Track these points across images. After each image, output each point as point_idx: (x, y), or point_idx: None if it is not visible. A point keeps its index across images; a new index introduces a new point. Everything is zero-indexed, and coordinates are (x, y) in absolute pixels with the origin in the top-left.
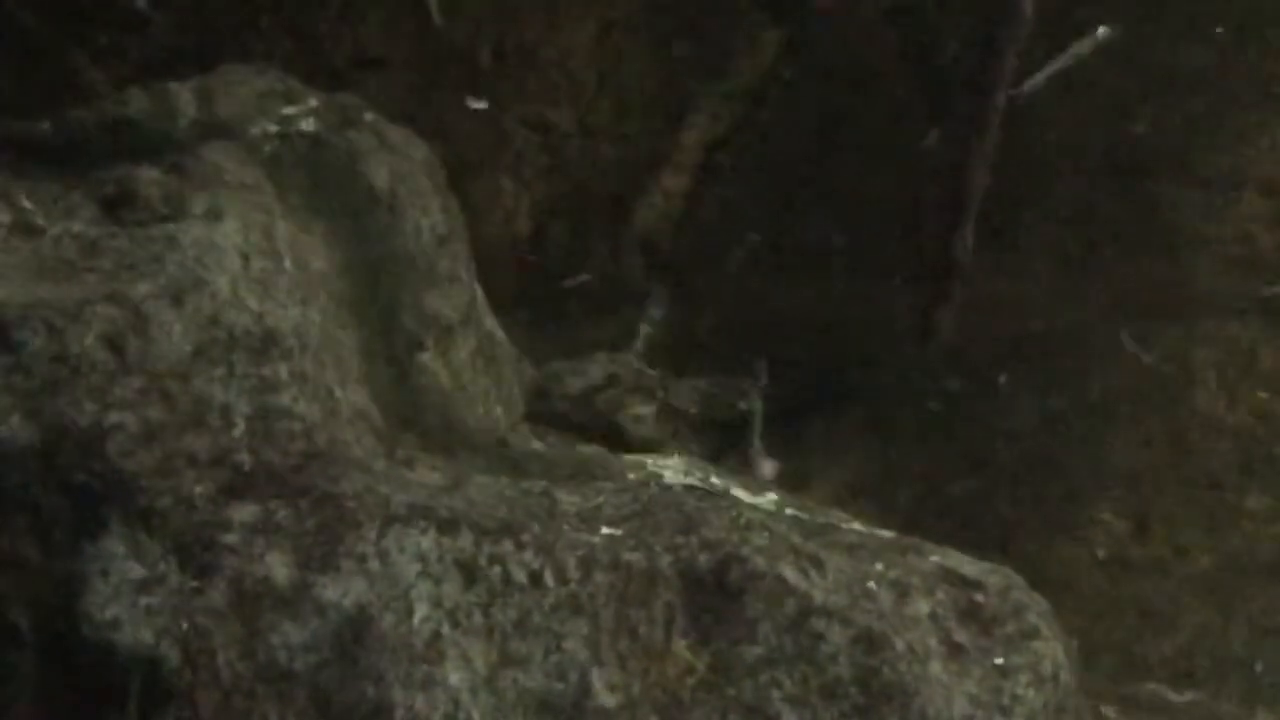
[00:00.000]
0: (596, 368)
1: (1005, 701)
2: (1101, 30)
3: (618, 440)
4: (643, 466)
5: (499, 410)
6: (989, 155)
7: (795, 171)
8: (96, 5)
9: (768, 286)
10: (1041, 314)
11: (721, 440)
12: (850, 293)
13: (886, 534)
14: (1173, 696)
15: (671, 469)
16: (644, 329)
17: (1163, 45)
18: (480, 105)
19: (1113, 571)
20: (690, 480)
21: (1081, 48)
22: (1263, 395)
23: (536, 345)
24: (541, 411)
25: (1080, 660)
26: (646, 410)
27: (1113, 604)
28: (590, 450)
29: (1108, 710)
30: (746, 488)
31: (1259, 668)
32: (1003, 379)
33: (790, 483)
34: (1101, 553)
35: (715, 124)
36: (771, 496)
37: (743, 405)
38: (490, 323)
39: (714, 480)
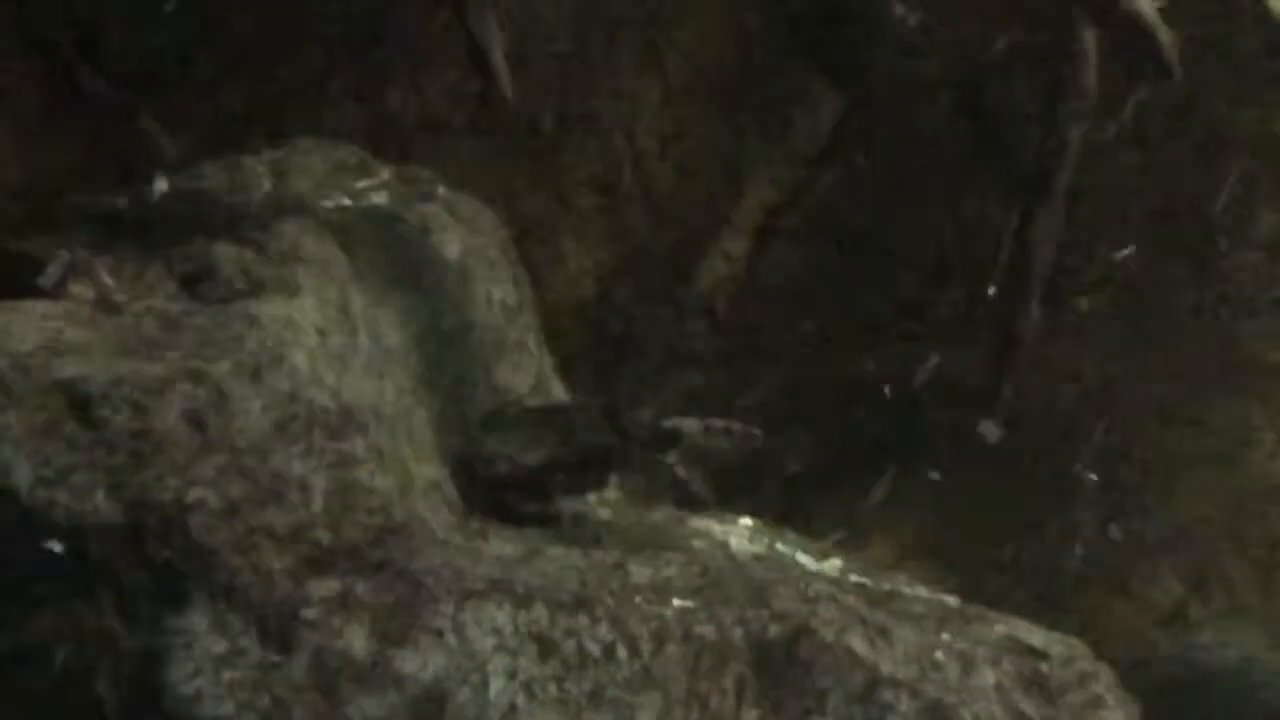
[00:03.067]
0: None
1: None
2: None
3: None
4: (710, 534)
5: None
6: (1055, 232)
7: (855, 235)
8: (170, 74)
9: (829, 351)
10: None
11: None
12: (910, 357)
13: (951, 600)
14: None
15: (737, 535)
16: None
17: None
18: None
19: (1174, 630)
20: (756, 548)
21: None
22: None
23: None
24: None
25: None
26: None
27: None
28: (658, 516)
29: None
30: (809, 552)
31: None
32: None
33: (852, 542)
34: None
35: (775, 188)
36: (835, 562)
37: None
38: (558, 389)
39: (779, 546)
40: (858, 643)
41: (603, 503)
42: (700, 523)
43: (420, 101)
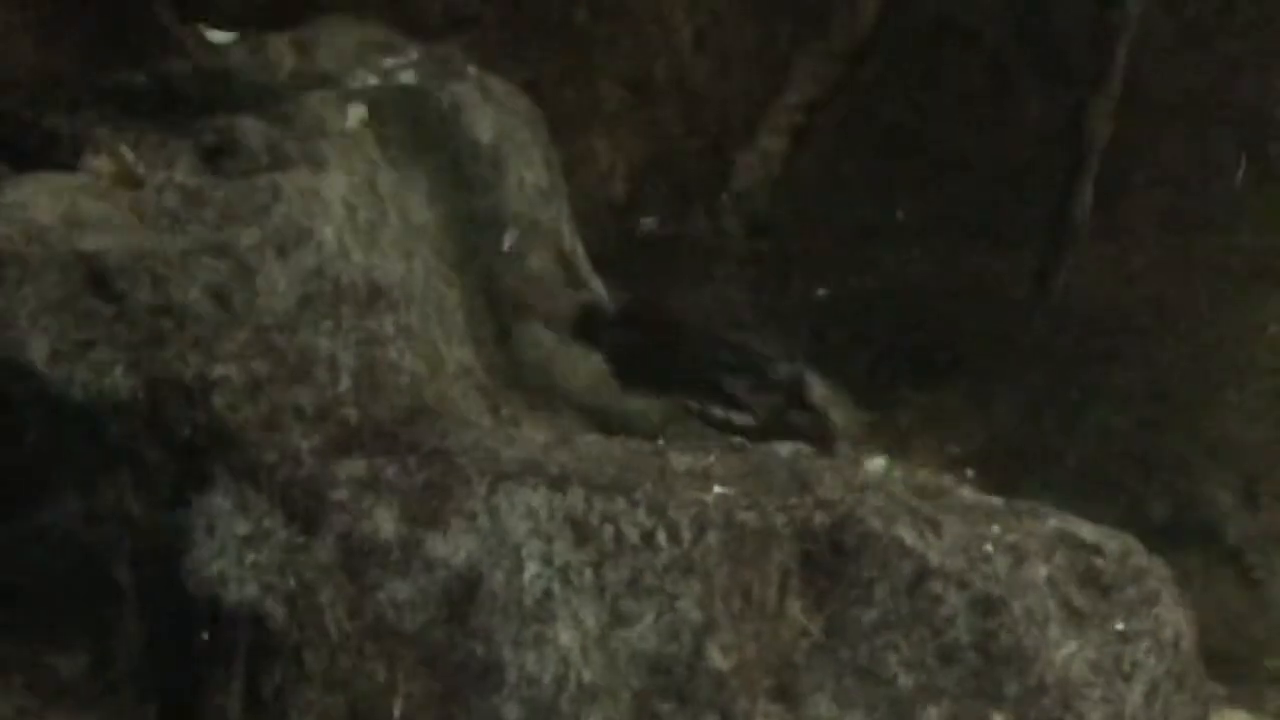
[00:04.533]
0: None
1: (1126, 668)
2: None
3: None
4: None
5: (601, 374)
6: (1109, 110)
7: (897, 134)
8: None
9: (869, 253)
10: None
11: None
12: (955, 259)
13: (997, 500)
14: None
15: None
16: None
17: None
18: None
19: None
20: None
21: None
22: None
23: None
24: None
25: None
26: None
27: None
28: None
29: (1218, 688)
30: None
31: None
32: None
33: (895, 450)
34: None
35: (815, 85)
36: (880, 461)
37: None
38: (592, 278)
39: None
40: (906, 532)
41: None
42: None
43: None
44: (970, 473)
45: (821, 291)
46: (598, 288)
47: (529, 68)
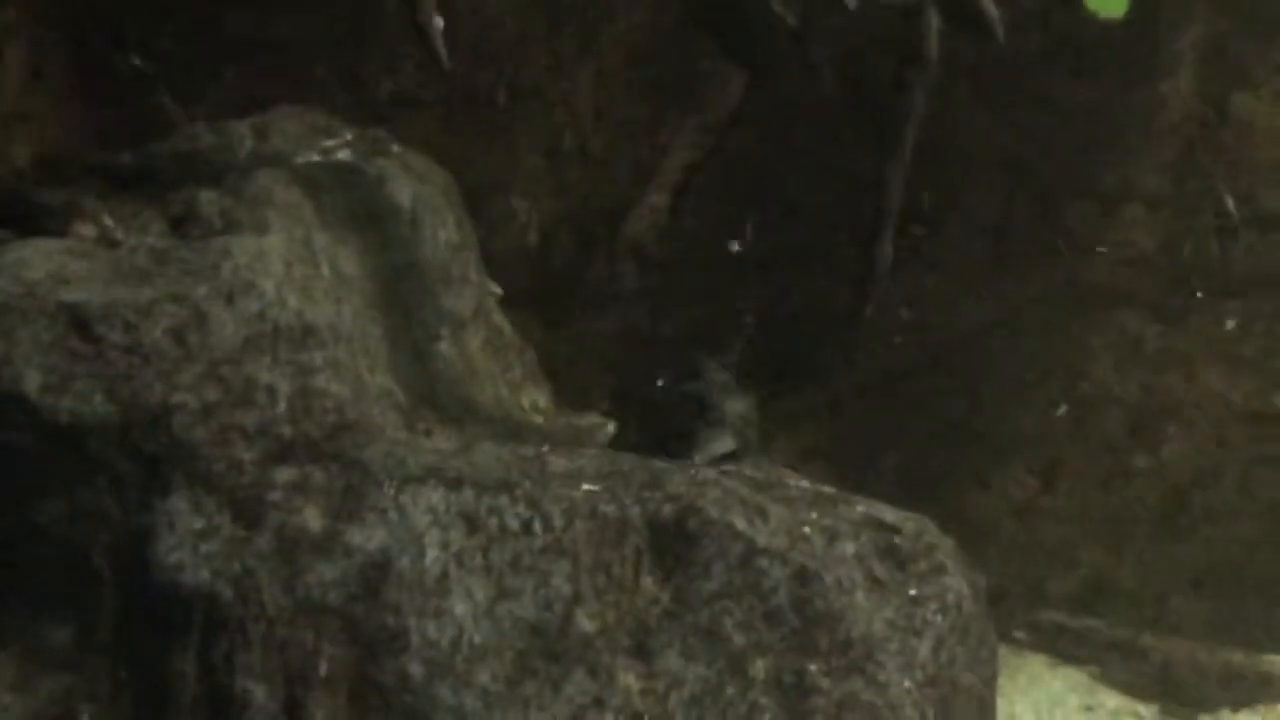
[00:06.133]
0: None
1: (917, 625)
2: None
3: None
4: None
5: (505, 390)
6: (901, 176)
7: (755, 189)
8: (182, 52)
9: (734, 285)
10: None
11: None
12: (801, 288)
13: (827, 490)
14: (1071, 623)
15: None
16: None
17: None
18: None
19: (1024, 519)
20: None
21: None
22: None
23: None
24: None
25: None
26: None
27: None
28: (585, 421)
29: (1018, 633)
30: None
31: (1145, 598)
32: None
33: (760, 444)
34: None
35: (692, 151)
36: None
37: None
38: (498, 317)
39: None
40: (737, 519)
41: (535, 410)
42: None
43: (394, 80)
44: (818, 464)
45: (697, 316)
46: (501, 321)
47: (461, 140)
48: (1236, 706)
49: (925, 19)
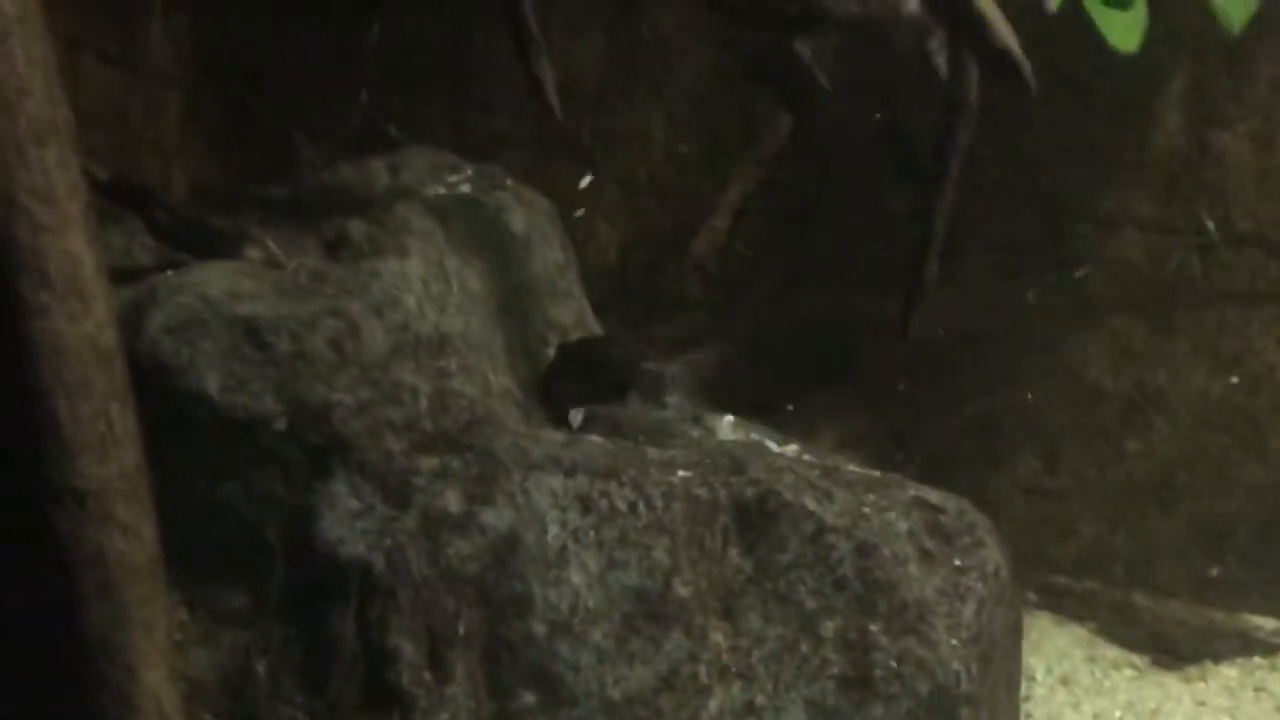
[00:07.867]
0: None
1: (961, 591)
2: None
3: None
4: (703, 427)
5: None
6: (949, 209)
7: (805, 216)
8: (313, 100)
9: (788, 297)
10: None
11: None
12: (847, 301)
13: (875, 473)
14: (1074, 585)
15: (722, 428)
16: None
17: None
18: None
19: (1031, 497)
20: (736, 436)
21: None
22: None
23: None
24: None
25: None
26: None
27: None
28: (667, 414)
29: (1030, 595)
30: (774, 439)
31: (1138, 564)
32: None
33: (804, 434)
34: (1023, 483)
35: (747, 182)
36: (793, 447)
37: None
38: (594, 324)
39: (753, 435)
40: (809, 501)
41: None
42: (696, 419)
43: (492, 123)
44: (856, 451)
45: (756, 324)
46: (596, 327)
47: (550, 175)
48: (1218, 659)
49: (967, 72)
